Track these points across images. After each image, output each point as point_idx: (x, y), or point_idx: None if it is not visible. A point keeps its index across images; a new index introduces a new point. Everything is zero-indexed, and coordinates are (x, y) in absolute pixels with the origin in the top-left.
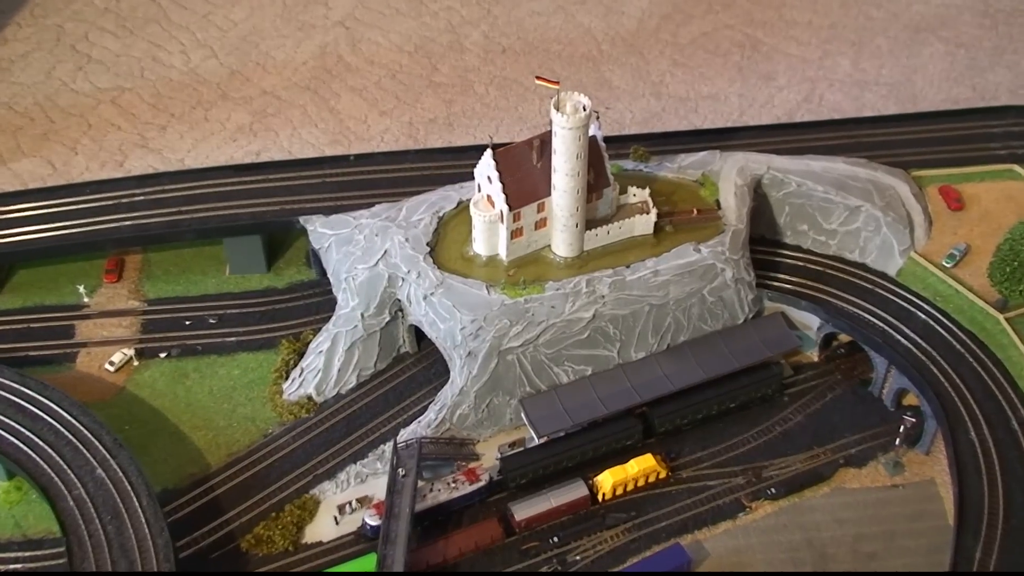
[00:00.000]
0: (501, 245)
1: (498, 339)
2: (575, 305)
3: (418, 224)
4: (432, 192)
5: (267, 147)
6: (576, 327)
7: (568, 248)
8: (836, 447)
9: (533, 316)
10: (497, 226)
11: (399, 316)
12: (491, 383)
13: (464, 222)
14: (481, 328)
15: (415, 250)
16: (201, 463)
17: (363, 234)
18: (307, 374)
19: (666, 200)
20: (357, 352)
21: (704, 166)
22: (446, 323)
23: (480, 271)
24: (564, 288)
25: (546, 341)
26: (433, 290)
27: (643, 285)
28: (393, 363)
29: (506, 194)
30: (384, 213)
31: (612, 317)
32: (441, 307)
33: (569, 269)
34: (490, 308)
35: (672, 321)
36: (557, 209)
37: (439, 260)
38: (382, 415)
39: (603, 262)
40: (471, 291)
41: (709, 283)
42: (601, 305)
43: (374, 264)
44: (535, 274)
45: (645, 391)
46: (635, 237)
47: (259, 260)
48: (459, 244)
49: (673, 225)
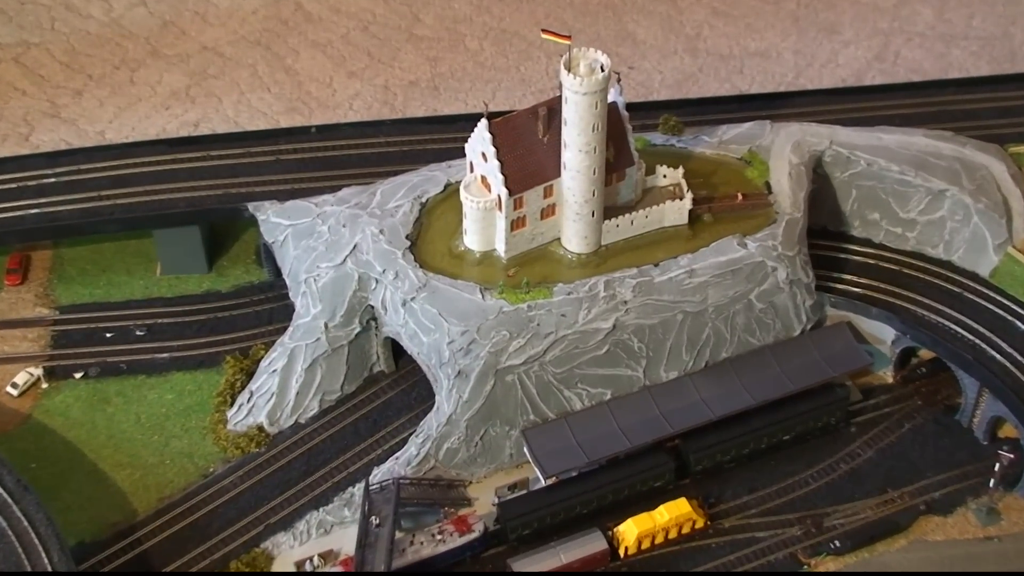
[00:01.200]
0: (499, 238)
1: (495, 355)
2: (591, 313)
3: (396, 212)
4: (413, 172)
5: (207, 117)
6: (592, 340)
7: (582, 242)
8: (915, 490)
9: (538, 327)
10: (494, 215)
11: (372, 327)
12: (486, 410)
13: (453, 210)
14: (474, 341)
15: (392, 244)
16: (126, 509)
17: (327, 224)
18: (257, 399)
19: (704, 183)
20: (320, 371)
21: (751, 140)
22: (430, 335)
23: (473, 271)
24: (577, 292)
25: (555, 358)
26: (414, 294)
27: (675, 288)
28: (365, 385)
29: (505, 175)
30: (353, 199)
31: (637, 328)
32: (424, 315)
33: (583, 268)
34: (485, 317)
35: (711, 333)
36: (568, 194)
37: (422, 257)
38: (351, 450)
39: (625, 259)
40: (462, 295)
41: (757, 286)
42: (623, 313)
43: (341, 262)
44: (541, 274)
45: (678, 420)
46: (665, 229)
47: (198, 257)
48: (446, 237)
49: (713, 214)
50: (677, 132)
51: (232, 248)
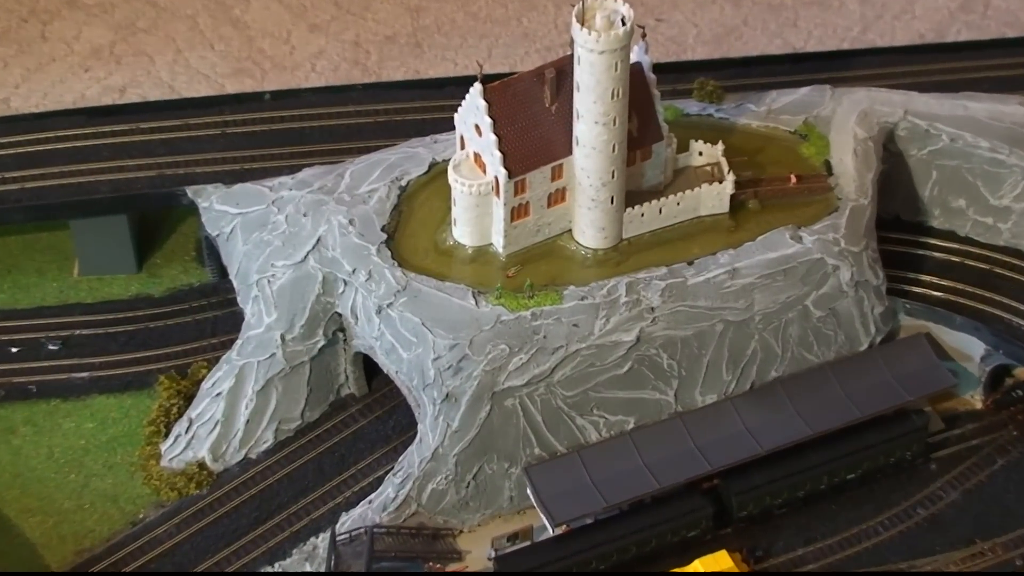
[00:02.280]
0: (496, 230)
1: (491, 375)
2: (609, 322)
3: (369, 198)
4: (390, 149)
5: (136, 80)
6: (611, 356)
7: (598, 235)
8: (1011, 541)
9: (545, 339)
10: (490, 201)
11: (339, 340)
12: (481, 442)
13: (439, 195)
14: (465, 358)
15: (364, 238)
16: (35, 563)
17: (284, 213)
18: (198, 429)
19: (749, 162)
20: (275, 395)
21: (808, 109)
22: (412, 350)
23: (464, 270)
24: (592, 296)
25: (565, 378)
26: (392, 299)
27: (714, 292)
28: (331, 412)
29: (503, 152)
30: (317, 181)
31: (666, 341)
32: (404, 325)
33: (600, 267)
34: (479, 327)
35: (758, 347)
36: (582, 176)
37: (402, 253)
38: (313, 492)
39: (652, 256)
40: (450, 301)
41: (815, 289)
42: (649, 322)
43: (301, 260)
44: (548, 275)
45: (717, 455)
46: (702, 219)
47: (125, 254)
48: (431, 229)
49: (760, 200)
50: (716, 99)
51: (167, 242)
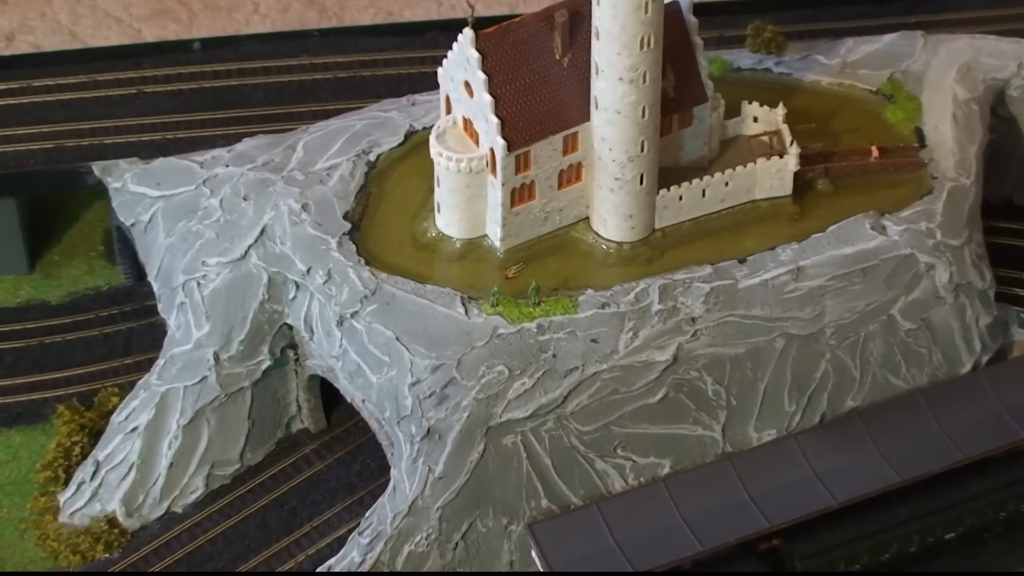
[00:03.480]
0: (492, 218)
1: (486, 405)
2: (638, 337)
3: (328, 177)
4: (355, 114)
5: (28, 25)
6: (640, 381)
7: (624, 225)
8: None
9: (556, 359)
10: (483, 181)
11: (289, 359)
12: (472, 492)
13: (418, 173)
14: (452, 383)
15: (322, 228)
16: None
17: (219, 197)
18: (108, 475)
19: (818, 130)
20: (206, 430)
21: (893, 63)
22: (383, 373)
23: (451, 269)
24: (616, 303)
25: (581, 409)
26: (357, 307)
27: (772, 298)
28: (279, 452)
29: (502, 118)
30: (261, 155)
31: (711, 361)
32: (374, 341)
33: (626, 266)
34: (470, 343)
35: (830, 369)
36: (603, 148)
37: (370, 248)
38: (257, 555)
39: (693, 252)
40: (433, 309)
41: (903, 293)
42: (690, 337)
43: (240, 256)
44: (559, 276)
45: (777, 508)
46: (757, 203)
47: (12, 249)
48: (408, 217)
49: (832, 179)
50: (775, 49)
51: (67, 234)
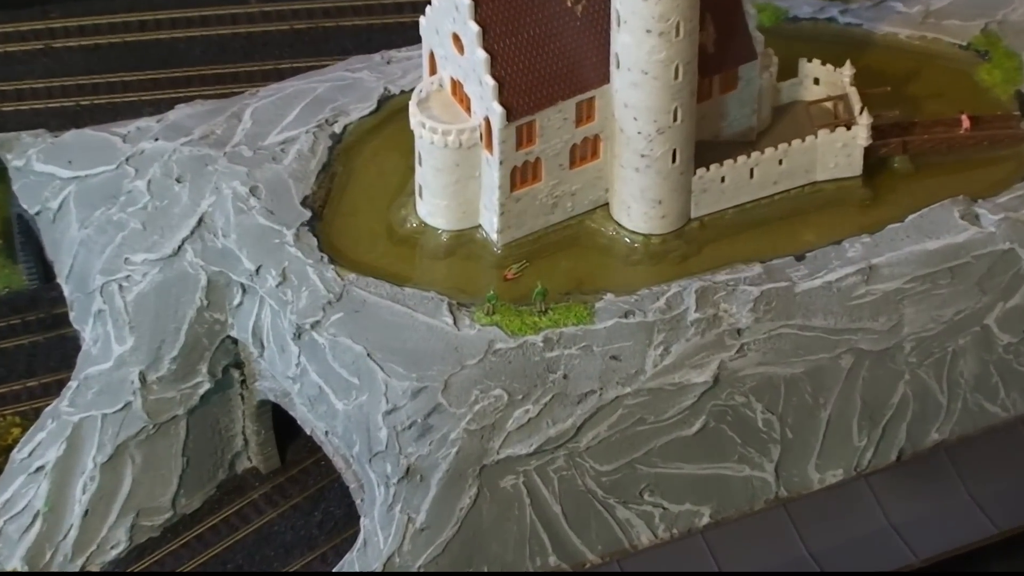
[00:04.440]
0: (489, 205)
1: (479, 438)
2: (670, 353)
3: (282, 153)
4: (316, 74)
5: None
6: (673, 408)
7: (652, 213)
8: None
9: (567, 381)
10: (476, 159)
11: (233, 382)
12: (463, 547)
13: (395, 148)
14: (438, 411)
15: (275, 217)
16: None
17: (146, 178)
18: (6, 524)
19: (895, 95)
20: (129, 470)
21: (988, 11)
22: (351, 398)
23: (436, 269)
24: (643, 311)
25: (600, 443)
26: (319, 316)
27: (838, 304)
28: (220, 498)
29: (499, 80)
30: (198, 126)
31: (762, 383)
32: (339, 359)
33: (655, 264)
34: (459, 361)
35: (910, 393)
36: (626, 118)
37: (335, 242)
38: None
39: (739, 247)
40: (412, 318)
41: (1001, 299)
42: (735, 353)
43: (173, 252)
44: (572, 276)
45: (845, 567)
46: (819, 186)
47: None
48: (382, 202)
49: (911, 155)
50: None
51: None
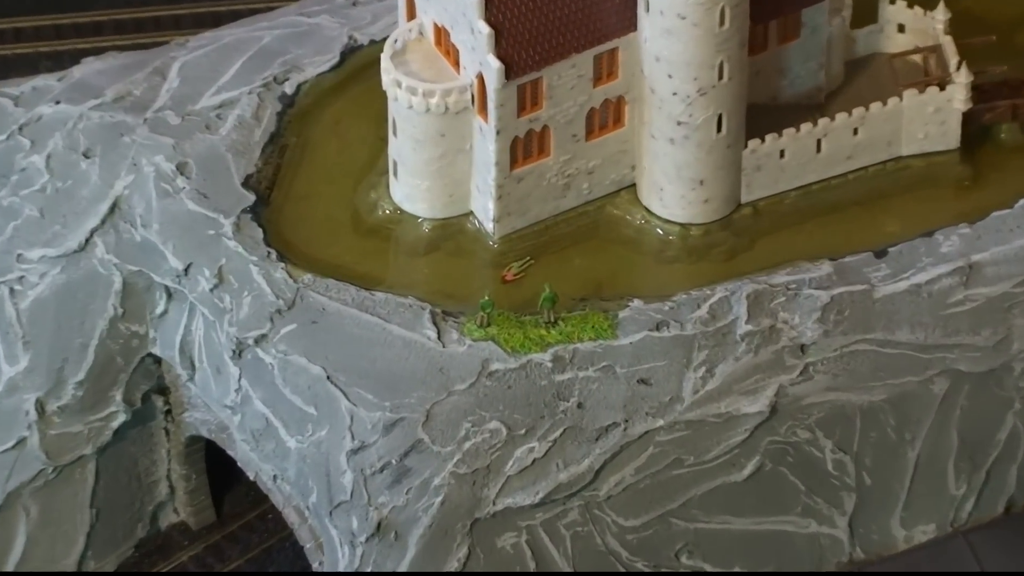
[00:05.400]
0: (482, 186)
1: (471, 485)
2: (715, 376)
3: (219, 120)
4: (261, 19)
5: None
6: (719, 446)
7: (692, 197)
8: None
9: (583, 412)
10: (466, 127)
11: (156, 413)
12: None
13: (362, 114)
14: (418, 449)
15: (209, 202)
16: None
17: (44, 152)
18: None
19: (1000, 46)
20: (23, 524)
21: None
22: (306, 433)
23: (415, 268)
24: (680, 322)
25: (625, 491)
26: (266, 328)
27: (928, 312)
28: (141, 559)
29: (496, 27)
30: (111, 85)
31: (832, 413)
32: (291, 383)
33: (695, 262)
34: (445, 385)
35: (1020, 426)
36: (657, 76)
37: (286, 233)
38: None
39: (803, 240)
40: (386, 331)
41: None
42: (797, 375)
43: (80, 247)
44: (589, 277)
45: None
46: (904, 162)
47: None
48: (347, 182)
49: (1021, 122)
50: None
51: None
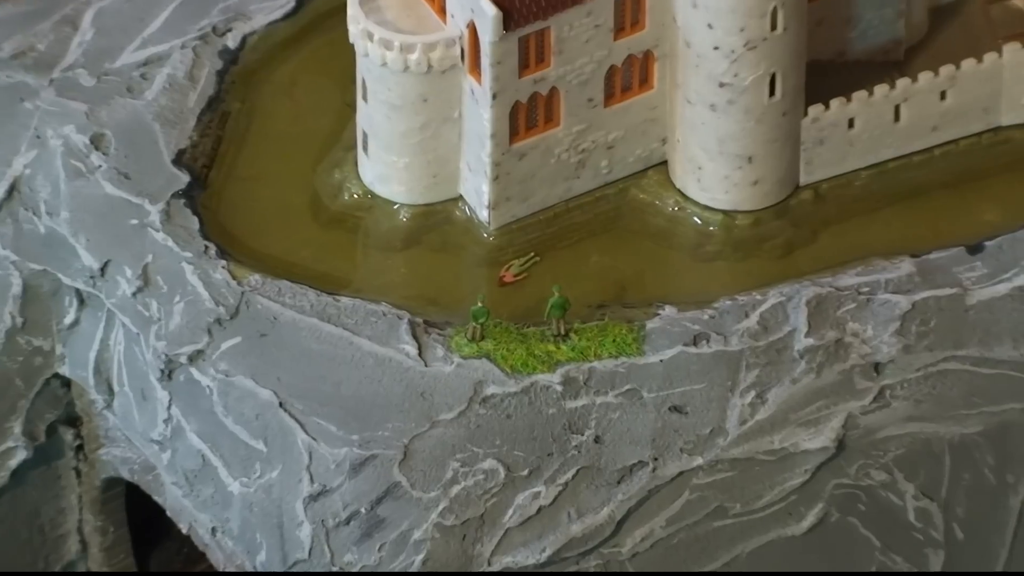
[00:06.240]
0: (474, 165)
1: (460, 539)
2: (766, 402)
3: (144, 81)
4: None
5: None
6: (772, 491)
7: (738, 178)
8: None
9: (601, 447)
10: (455, 91)
11: (64, 447)
12: None
13: (322, 72)
14: (393, 494)
15: (131, 184)
16: None
17: None
18: None
19: None
20: None
21: None
22: (252, 475)
23: (389, 265)
24: (722, 335)
25: (654, 547)
26: (202, 342)
27: None
28: None
29: None
30: (8, 38)
31: (914, 450)
32: (234, 409)
33: (742, 259)
34: (428, 413)
35: None
36: (694, 25)
37: (227, 222)
38: None
39: (876, 232)
40: (353, 345)
41: None
42: (870, 401)
43: None
44: (609, 278)
45: None
46: (1004, 134)
47: None
48: (303, 158)
49: None
50: None
51: None
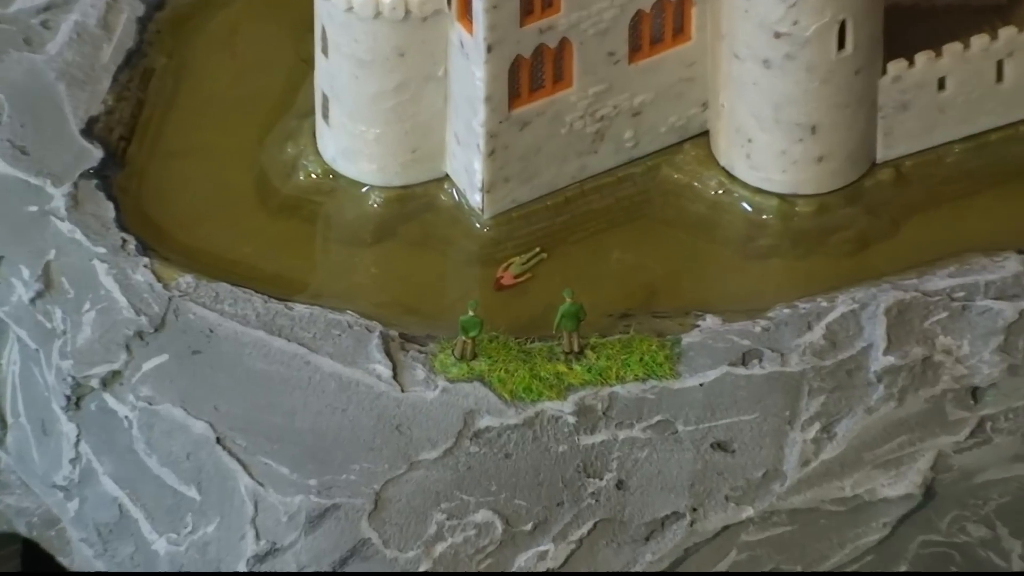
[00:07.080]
0: (464, 139)
1: None
2: (835, 438)
3: (45, 31)
4: None
5: None
6: (843, 549)
7: (797, 154)
8: None
9: (624, 495)
10: (439, 44)
11: None
12: None
13: (271, 19)
14: (360, 552)
15: (29, 161)
16: None
17: None
18: None
19: None
20: None
21: None
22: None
23: (356, 263)
24: (777, 351)
25: None
26: (119, 361)
27: None
28: None
29: None
30: None
31: (1019, 498)
32: (159, 448)
33: (803, 256)
34: (405, 451)
35: None
36: None
37: (151, 209)
38: None
39: (973, 221)
40: (310, 364)
41: None
42: (965, 438)
43: None
44: (635, 279)
45: None
46: None
47: None
48: (247, 128)
49: None
50: None
51: None
